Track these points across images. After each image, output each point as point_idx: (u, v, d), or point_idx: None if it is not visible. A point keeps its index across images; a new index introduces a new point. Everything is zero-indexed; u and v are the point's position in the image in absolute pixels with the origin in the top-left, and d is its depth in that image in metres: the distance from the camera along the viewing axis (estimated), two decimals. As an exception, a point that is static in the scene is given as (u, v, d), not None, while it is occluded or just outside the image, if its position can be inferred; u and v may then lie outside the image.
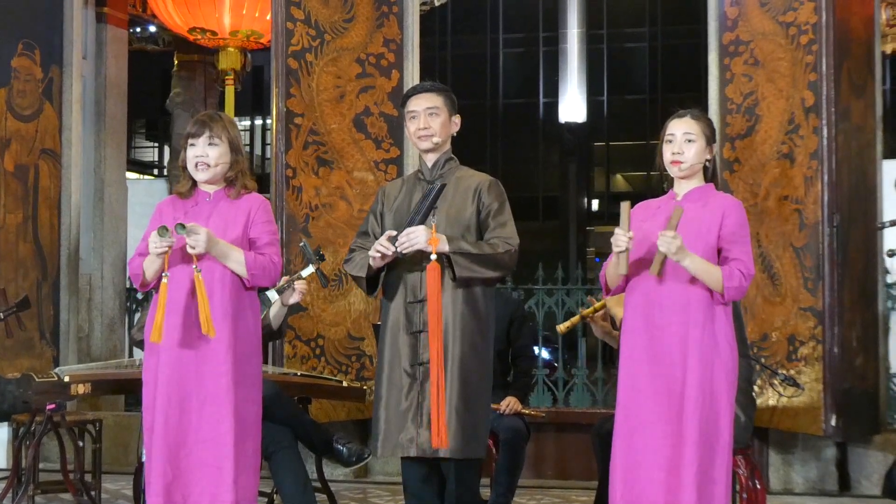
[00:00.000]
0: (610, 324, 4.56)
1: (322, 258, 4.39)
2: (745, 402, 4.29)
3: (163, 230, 3.72)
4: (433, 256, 3.71)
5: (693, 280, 3.59)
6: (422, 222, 3.77)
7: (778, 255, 5.70)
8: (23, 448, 5.20)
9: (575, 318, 4.67)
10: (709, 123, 3.79)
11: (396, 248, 3.75)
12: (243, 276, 3.82)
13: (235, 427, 3.75)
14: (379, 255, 3.79)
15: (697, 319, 3.58)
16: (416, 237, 3.73)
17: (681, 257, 3.53)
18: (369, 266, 3.87)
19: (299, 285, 4.50)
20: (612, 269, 3.71)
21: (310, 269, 4.41)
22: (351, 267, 3.98)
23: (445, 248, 3.73)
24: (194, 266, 3.74)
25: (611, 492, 3.66)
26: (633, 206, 3.79)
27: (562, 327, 4.77)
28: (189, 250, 3.73)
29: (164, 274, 3.76)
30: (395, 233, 3.78)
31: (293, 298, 4.50)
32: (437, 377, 3.70)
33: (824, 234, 5.46)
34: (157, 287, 3.82)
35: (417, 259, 3.80)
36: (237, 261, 3.80)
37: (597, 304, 4.46)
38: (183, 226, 3.70)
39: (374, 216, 4.04)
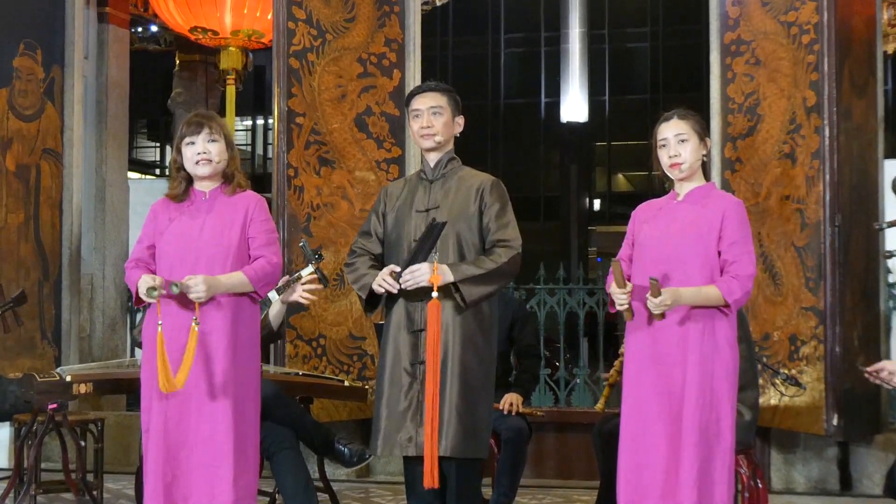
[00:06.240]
0: None
1: (321, 258, 4.38)
2: (750, 401, 4.29)
3: (151, 291, 3.68)
4: (434, 294, 3.74)
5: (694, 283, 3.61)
6: (424, 259, 3.77)
7: (779, 254, 5.70)
8: (25, 448, 5.21)
9: (605, 391, 4.87)
10: (697, 120, 3.79)
11: (400, 285, 3.78)
12: (251, 293, 3.84)
13: (235, 427, 3.75)
14: (384, 290, 3.82)
15: (697, 321, 3.59)
16: (419, 276, 3.75)
17: (674, 306, 3.55)
18: (371, 289, 3.89)
19: (302, 288, 4.46)
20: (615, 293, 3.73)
21: (309, 269, 4.39)
22: (352, 279, 4.00)
23: (450, 279, 3.75)
24: (194, 318, 3.71)
25: (617, 491, 3.67)
26: (634, 208, 3.84)
27: (599, 406, 4.90)
28: (196, 301, 3.71)
29: (158, 323, 3.73)
30: (397, 269, 3.80)
31: (293, 297, 4.48)
32: (432, 389, 3.71)
33: (826, 233, 5.46)
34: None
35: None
36: (242, 284, 3.80)
37: (617, 366, 4.62)
38: (176, 285, 3.68)
39: (377, 216, 4.05)
